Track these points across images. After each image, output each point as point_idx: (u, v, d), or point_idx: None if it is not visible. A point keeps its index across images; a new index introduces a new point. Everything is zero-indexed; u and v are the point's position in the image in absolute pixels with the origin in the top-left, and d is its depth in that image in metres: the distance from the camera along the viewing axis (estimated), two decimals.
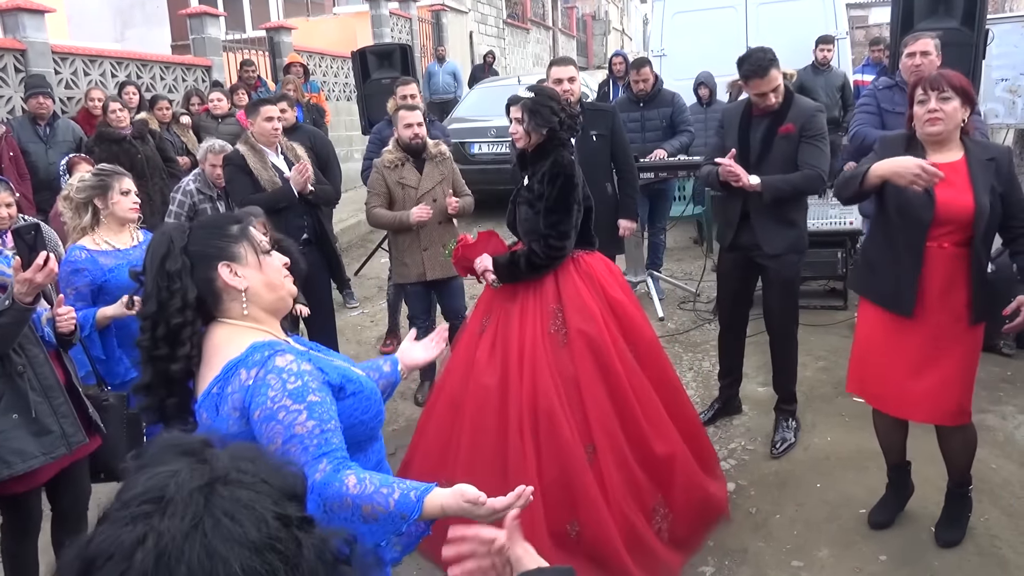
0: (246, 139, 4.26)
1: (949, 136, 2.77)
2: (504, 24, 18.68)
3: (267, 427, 1.40)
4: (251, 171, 4.11)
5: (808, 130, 3.54)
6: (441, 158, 4.41)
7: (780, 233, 3.63)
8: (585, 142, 4.26)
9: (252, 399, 1.41)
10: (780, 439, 3.83)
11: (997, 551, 2.96)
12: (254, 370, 1.43)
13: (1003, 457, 3.59)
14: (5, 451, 2.41)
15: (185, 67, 9.05)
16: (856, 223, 5.75)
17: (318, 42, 12.03)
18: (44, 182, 5.80)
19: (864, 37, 15.30)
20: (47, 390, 2.53)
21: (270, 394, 1.40)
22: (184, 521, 0.68)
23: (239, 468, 0.75)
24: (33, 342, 2.52)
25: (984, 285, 2.76)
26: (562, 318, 3.04)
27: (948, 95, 2.71)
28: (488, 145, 9.10)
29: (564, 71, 4.24)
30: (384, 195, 4.33)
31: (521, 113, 3.09)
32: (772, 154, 3.58)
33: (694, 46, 8.05)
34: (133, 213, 3.11)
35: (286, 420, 1.40)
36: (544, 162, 3.09)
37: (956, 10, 5.02)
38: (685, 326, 5.66)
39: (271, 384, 1.41)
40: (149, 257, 1.52)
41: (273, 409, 1.40)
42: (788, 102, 3.61)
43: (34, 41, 7.04)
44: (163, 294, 1.48)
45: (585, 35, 26.78)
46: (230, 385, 1.44)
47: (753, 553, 3.05)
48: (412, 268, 4.35)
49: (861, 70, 9.00)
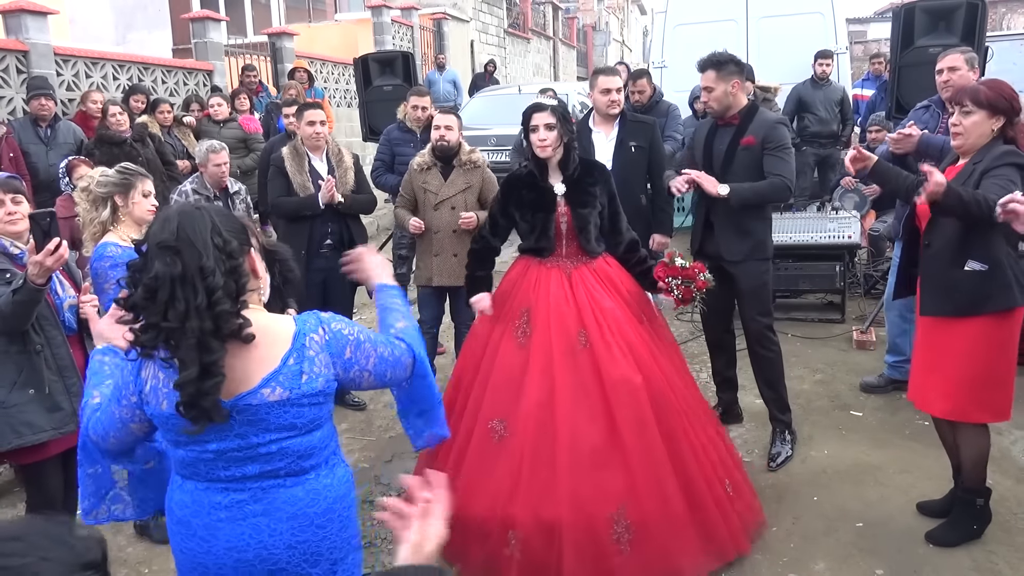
0: (293, 142, 4.50)
1: (973, 147, 2.85)
2: (505, 33, 18.74)
3: (361, 352, 1.71)
4: (287, 173, 4.33)
5: (770, 142, 3.61)
6: (472, 166, 4.39)
7: (740, 240, 3.71)
8: (623, 152, 4.29)
9: (336, 345, 1.68)
10: (776, 453, 3.83)
11: (994, 566, 2.96)
12: (320, 328, 1.68)
13: (999, 472, 3.59)
14: (16, 422, 2.62)
15: (187, 71, 9.05)
16: (854, 237, 5.78)
17: (319, 48, 12.04)
18: (44, 183, 5.79)
19: (863, 52, 15.40)
20: (62, 370, 2.73)
21: (345, 332, 1.71)
22: None
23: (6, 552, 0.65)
24: (53, 324, 2.72)
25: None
26: (528, 323, 3.07)
27: (968, 109, 2.80)
28: (489, 153, 9.11)
29: (612, 81, 4.28)
30: (410, 196, 4.42)
31: (555, 119, 3.08)
32: (734, 164, 3.67)
33: (694, 58, 8.07)
34: (151, 215, 3.18)
35: (364, 337, 1.73)
36: (580, 166, 3.22)
37: (956, 27, 5.07)
38: (683, 337, 5.67)
39: (341, 328, 1.71)
40: (190, 229, 1.54)
41: (357, 339, 1.72)
42: (750, 115, 3.68)
43: (36, 42, 7.04)
44: (220, 266, 1.54)
45: (585, 46, 26.89)
46: (309, 349, 1.64)
47: (750, 565, 3.05)
48: (423, 272, 4.44)
49: (861, 84, 9.05)
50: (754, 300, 3.80)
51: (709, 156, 3.76)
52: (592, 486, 2.81)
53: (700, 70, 3.68)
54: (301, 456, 1.67)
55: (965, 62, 3.94)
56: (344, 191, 4.39)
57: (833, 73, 7.66)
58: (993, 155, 2.79)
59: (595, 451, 2.85)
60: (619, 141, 4.31)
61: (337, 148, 4.56)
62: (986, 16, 5.15)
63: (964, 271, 2.84)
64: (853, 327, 5.53)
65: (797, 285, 5.84)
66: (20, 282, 2.50)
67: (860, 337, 5.32)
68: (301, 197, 4.32)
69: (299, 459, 1.67)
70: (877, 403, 4.45)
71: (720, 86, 3.62)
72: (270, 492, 1.66)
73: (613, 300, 3.14)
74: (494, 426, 2.99)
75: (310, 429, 1.67)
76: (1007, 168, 2.73)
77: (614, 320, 3.06)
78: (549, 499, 2.81)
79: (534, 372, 2.97)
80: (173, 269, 1.51)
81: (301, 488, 1.68)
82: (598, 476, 2.82)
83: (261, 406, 1.59)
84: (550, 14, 22.91)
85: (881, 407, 4.40)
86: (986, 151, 2.82)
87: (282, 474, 1.66)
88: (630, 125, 4.37)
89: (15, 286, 2.51)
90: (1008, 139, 2.82)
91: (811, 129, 7.62)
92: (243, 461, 1.64)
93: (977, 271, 2.82)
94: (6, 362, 2.65)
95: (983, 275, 2.82)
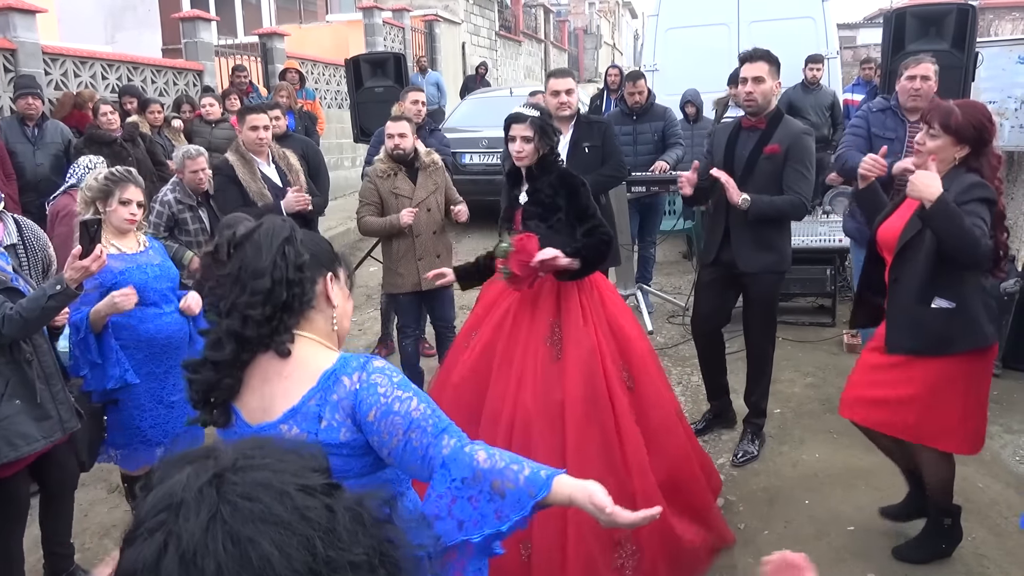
0: (236, 148, 4.27)
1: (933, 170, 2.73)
2: (497, 36, 18.75)
3: (385, 422, 1.41)
4: (240, 182, 4.12)
5: (794, 154, 3.55)
6: (434, 167, 4.40)
7: (758, 254, 3.66)
8: (577, 154, 4.26)
9: (362, 401, 1.43)
10: (742, 451, 3.89)
11: (984, 570, 2.97)
12: (356, 374, 1.44)
13: (990, 476, 3.60)
14: (11, 434, 2.55)
15: (176, 71, 9.01)
16: (845, 240, 5.79)
17: (310, 49, 12.01)
18: (31, 183, 5.74)
19: (853, 57, 15.48)
20: (49, 377, 2.68)
21: (380, 391, 1.43)
22: (200, 516, 0.65)
23: (246, 455, 0.71)
24: (38, 332, 2.67)
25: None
26: (559, 334, 2.99)
27: (935, 132, 2.73)
28: (480, 156, 9.11)
29: (563, 83, 4.25)
30: (376, 204, 4.32)
31: (532, 131, 3.04)
32: (756, 172, 3.61)
33: (686, 62, 8.12)
34: (128, 224, 3.12)
35: (402, 409, 1.42)
36: (547, 176, 3.10)
37: (947, 33, 5.09)
38: (674, 340, 5.67)
39: (379, 383, 1.44)
40: (265, 236, 1.45)
41: (388, 403, 1.42)
42: (776, 121, 3.62)
43: (24, 41, 6.98)
44: (280, 276, 1.43)
45: (577, 49, 26.95)
46: (334, 393, 1.44)
47: (742, 569, 3.04)
48: (407, 278, 4.34)
49: (851, 89, 9.09)
50: (762, 312, 3.80)
51: (731, 161, 3.66)
52: None
53: (750, 60, 3.57)
54: None
55: (934, 73, 3.87)
56: (305, 206, 4.27)
57: (824, 78, 7.68)
58: (960, 187, 2.68)
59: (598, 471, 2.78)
60: (573, 143, 4.28)
61: (281, 152, 4.44)
62: (976, 22, 5.17)
63: (931, 308, 2.75)
64: (844, 331, 5.54)
65: (788, 288, 5.83)
66: (57, 288, 2.47)
67: (851, 341, 5.33)
68: (261, 208, 3.99)
69: None
70: None
71: (771, 80, 3.57)
72: None
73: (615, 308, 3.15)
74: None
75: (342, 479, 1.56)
76: (975, 204, 2.63)
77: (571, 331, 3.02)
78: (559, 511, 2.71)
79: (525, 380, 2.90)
80: (233, 265, 1.46)
81: None
82: None
83: None
84: (541, 17, 22.96)
85: None
86: (951, 179, 2.70)
87: None
88: (583, 126, 4.36)
89: (50, 292, 2.47)
90: (972, 168, 2.72)
91: None
92: None
93: (944, 309, 2.73)
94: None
95: (949, 313, 2.73)
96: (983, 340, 2.78)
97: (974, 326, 2.75)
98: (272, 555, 0.63)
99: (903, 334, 2.83)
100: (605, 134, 4.43)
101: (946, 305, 2.74)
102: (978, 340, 2.76)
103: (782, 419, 4.34)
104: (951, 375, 2.78)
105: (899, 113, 4.00)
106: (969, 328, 2.75)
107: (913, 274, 2.77)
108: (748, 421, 3.98)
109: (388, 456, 1.45)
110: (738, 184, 3.56)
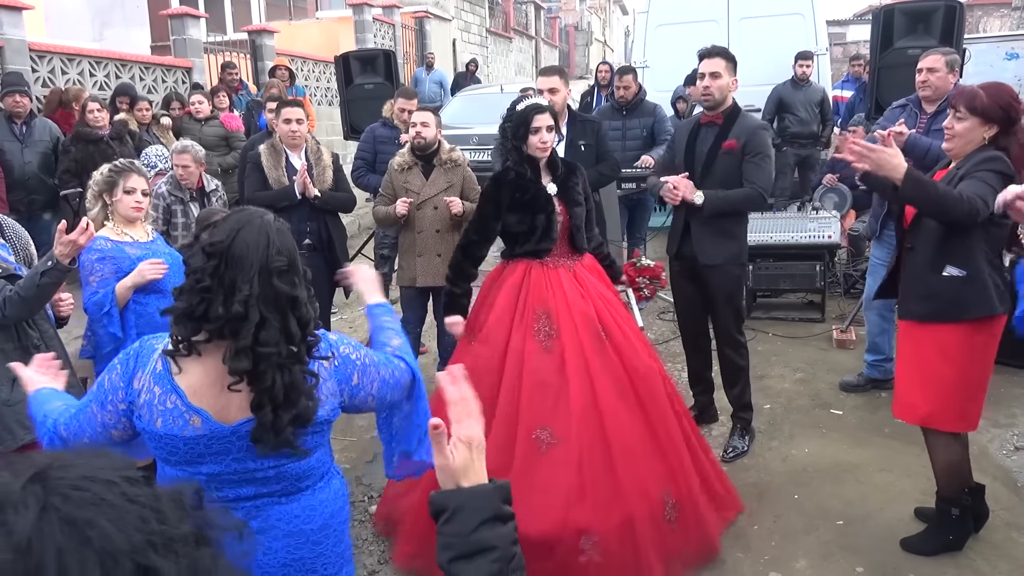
0: (271, 140, 4.50)
1: (962, 152, 2.83)
2: (487, 33, 18.71)
3: (366, 377, 1.71)
4: (263, 169, 4.33)
5: (751, 148, 3.63)
6: (452, 165, 4.35)
7: (717, 245, 3.73)
8: (574, 152, 4.28)
9: (344, 372, 1.68)
10: (731, 447, 3.92)
11: (971, 562, 2.99)
12: (330, 353, 1.67)
13: (978, 471, 3.61)
14: (24, 417, 2.56)
15: (165, 68, 8.96)
16: (834, 237, 5.82)
17: (300, 46, 11.96)
18: (19, 181, 5.69)
19: (842, 54, 15.52)
20: None
21: (353, 357, 1.71)
22: (29, 509, 0.65)
23: (60, 458, 0.72)
24: (44, 318, 2.77)
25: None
26: (550, 324, 3.03)
27: (961, 115, 2.79)
28: (470, 152, 9.09)
29: (547, 82, 4.27)
30: (391, 196, 4.37)
31: (552, 121, 3.13)
32: (715, 168, 3.69)
33: (676, 58, 8.13)
34: (135, 212, 3.23)
35: (369, 361, 1.74)
36: (564, 168, 3.28)
37: (935, 29, 5.12)
38: (664, 336, 5.69)
39: (348, 355, 1.70)
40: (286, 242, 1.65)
41: (364, 363, 1.72)
42: (733, 117, 3.70)
43: (11, 38, 6.93)
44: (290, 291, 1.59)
45: (568, 45, 26.92)
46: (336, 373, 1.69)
47: (731, 564, 3.06)
48: (406, 272, 4.40)
49: (840, 85, 9.12)
50: (726, 304, 3.85)
51: (691, 157, 3.77)
52: (646, 473, 2.92)
53: (707, 56, 3.67)
54: (299, 478, 1.64)
55: (945, 64, 3.97)
56: (322, 188, 4.34)
57: (813, 74, 7.72)
58: (977, 159, 2.77)
59: (640, 440, 2.96)
60: (569, 141, 4.31)
61: (317, 146, 4.53)
62: (964, 18, 5.20)
63: (942, 276, 2.84)
64: (833, 326, 5.57)
65: (778, 284, 5.87)
66: (48, 264, 2.49)
67: (840, 336, 5.36)
68: (276, 189, 4.28)
69: (296, 480, 1.64)
70: (857, 402, 4.48)
71: (727, 75, 3.65)
72: (264, 510, 1.62)
73: (610, 292, 3.26)
74: (539, 435, 2.92)
75: (310, 453, 1.63)
76: (988, 173, 2.71)
77: (619, 312, 3.17)
78: (618, 497, 2.84)
79: (572, 374, 2.95)
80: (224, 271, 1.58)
81: (297, 504, 1.64)
82: (647, 463, 2.94)
83: None
84: (532, 13, 22.91)
85: (861, 406, 4.43)
86: (972, 156, 2.80)
87: (277, 494, 1.63)
88: (578, 125, 4.41)
89: (42, 269, 2.50)
90: (1000, 147, 2.78)
91: (791, 130, 7.67)
92: (238, 484, 1.59)
93: (955, 277, 2.82)
94: (3, 360, 2.59)
95: (961, 281, 2.82)
96: (992, 308, 2.84)
97: (985, 293, 2.83)
98: (111, 531, 0.65)
99: (915, 301, 2.95)
100: (598, 134, 4.49)
101: (957, 273, 2.83)
102: (987, 307, 2.84)
103: (772, 414, 4.36)
104: (960, 345, 2.86)
105: (916, 108, 4.14)
106: (980, 296, 2.83)
107: (927, 242, 2.87)
108: (735, 416, 4.00)
109: (372, 400, 1.73)
110: (699, 179, 3.66)
